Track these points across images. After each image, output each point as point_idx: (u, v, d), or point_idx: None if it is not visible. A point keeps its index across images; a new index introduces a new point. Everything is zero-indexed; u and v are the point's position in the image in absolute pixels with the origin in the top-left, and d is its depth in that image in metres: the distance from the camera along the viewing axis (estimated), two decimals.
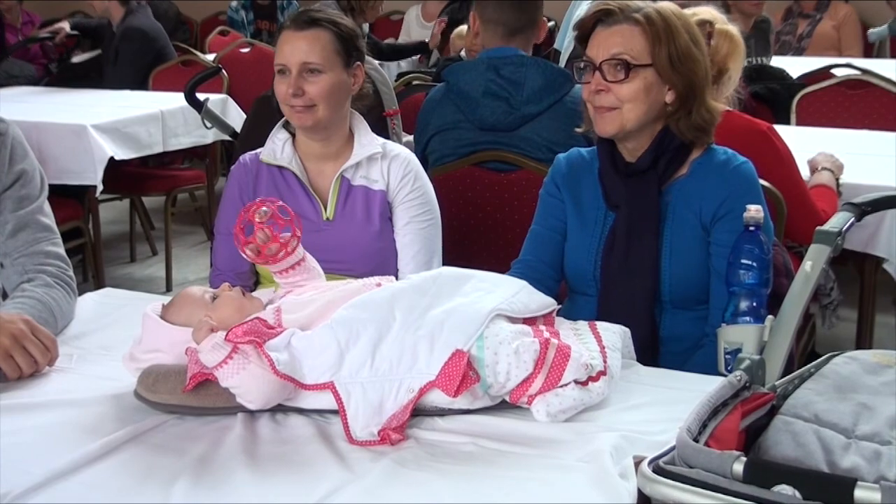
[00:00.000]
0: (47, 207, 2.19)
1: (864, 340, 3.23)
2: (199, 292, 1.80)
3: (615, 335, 1.82)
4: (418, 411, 1.64)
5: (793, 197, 2.67)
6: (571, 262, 2.24)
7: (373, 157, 2.45)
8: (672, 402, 1.68)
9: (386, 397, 1.62)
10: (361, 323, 1.66)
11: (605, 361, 1.71)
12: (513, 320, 1.73)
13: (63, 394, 1.78)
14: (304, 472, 1.51)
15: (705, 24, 2.57)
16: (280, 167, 2.46)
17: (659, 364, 2.02)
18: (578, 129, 2.26)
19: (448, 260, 2.49)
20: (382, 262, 2.43)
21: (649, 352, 2.07)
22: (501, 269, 2.20)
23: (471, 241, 2.92)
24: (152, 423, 1.65)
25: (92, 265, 4.76)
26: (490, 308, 1.69)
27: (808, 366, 1.52)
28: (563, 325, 1.84)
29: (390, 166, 2.46)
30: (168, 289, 4.93)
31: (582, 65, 2.14)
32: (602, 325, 1.84)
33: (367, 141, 2.47)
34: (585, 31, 2.15)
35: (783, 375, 1.50)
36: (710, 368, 1.90)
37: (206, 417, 1.67)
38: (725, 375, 1.40)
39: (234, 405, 1.66)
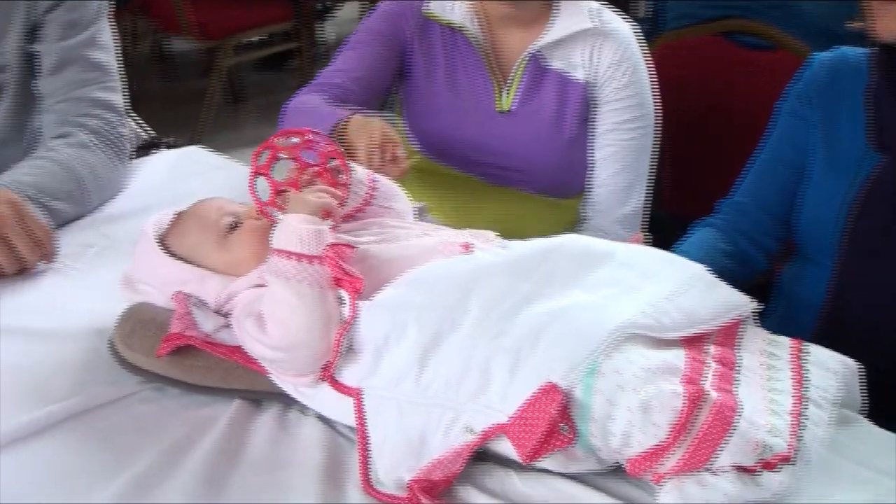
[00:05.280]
0: (105, 38, 1.67)
1: None
2: (216, 213, 1.25)
3: (832, 376, 1.12)
4: (483, 456, 1.07)
5: None
6: (807, 216, 1.53)
7: (579, 33, 1.77)
8: None
9: (431, 431, 1.04)
10: (416, 310, 1.08)
11: (793, 433, 1.03)
12: (660, 341, 1.09)
13: (30, 315, 1.31)
14: None
15: None
16: (451, 27, 1.82)
17: None
18: (852, 23, 1.49)
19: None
20: (569, 178, 1.83)
21: None
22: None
23: (689, 144, 2.20)
24: (114, 395, 1.17)
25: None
26: (620, 322, 1.05)
27: None
28: (753, 339, 1.17)
29: (601, 47, 1.78)
30: None
31: None
32: (814, 355, 1.14)
33: (574, 9, 1.77)
34: None
35: None
36: None
37: (192, 397, 1.17)
38: None
39: (234, 387, 1.15)
